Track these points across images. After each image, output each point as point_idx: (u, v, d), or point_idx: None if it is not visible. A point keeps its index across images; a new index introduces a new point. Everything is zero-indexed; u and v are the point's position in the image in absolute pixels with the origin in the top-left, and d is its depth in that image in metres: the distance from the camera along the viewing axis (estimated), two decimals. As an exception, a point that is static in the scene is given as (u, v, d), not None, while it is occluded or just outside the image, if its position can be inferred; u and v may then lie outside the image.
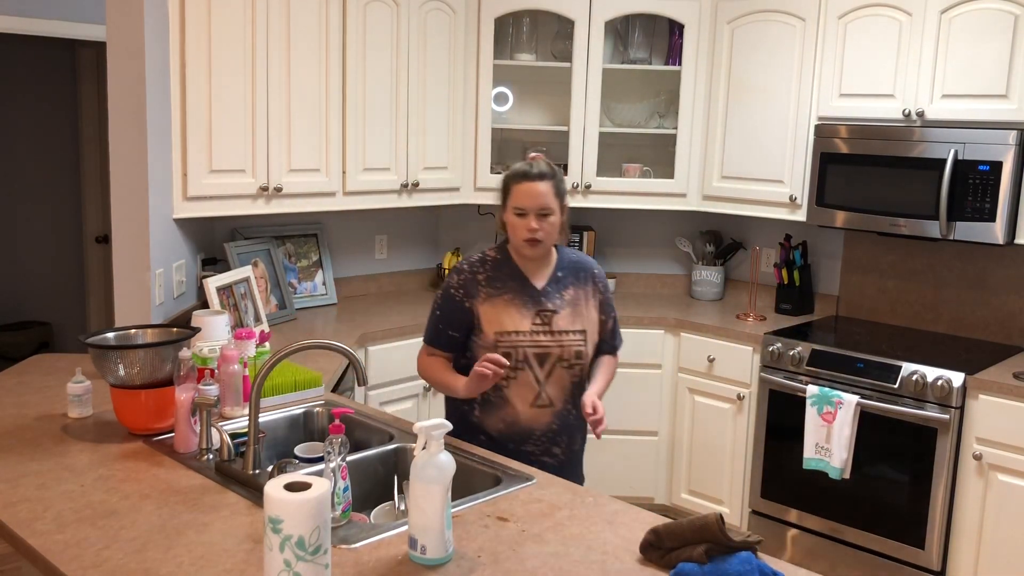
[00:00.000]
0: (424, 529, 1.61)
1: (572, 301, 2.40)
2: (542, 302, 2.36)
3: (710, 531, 1.60)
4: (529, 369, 2.33)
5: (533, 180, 2.31)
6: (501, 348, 2.30)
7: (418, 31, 3.82)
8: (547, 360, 2.33)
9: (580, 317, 2.39)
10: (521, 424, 2.35)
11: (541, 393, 2.34)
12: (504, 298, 2.35)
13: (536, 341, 2.33)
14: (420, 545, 1.62)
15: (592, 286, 2.46)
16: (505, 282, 2.37)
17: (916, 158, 3.41)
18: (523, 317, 2.33)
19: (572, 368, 2.36)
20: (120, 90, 2.87)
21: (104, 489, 1.92)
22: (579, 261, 2.49)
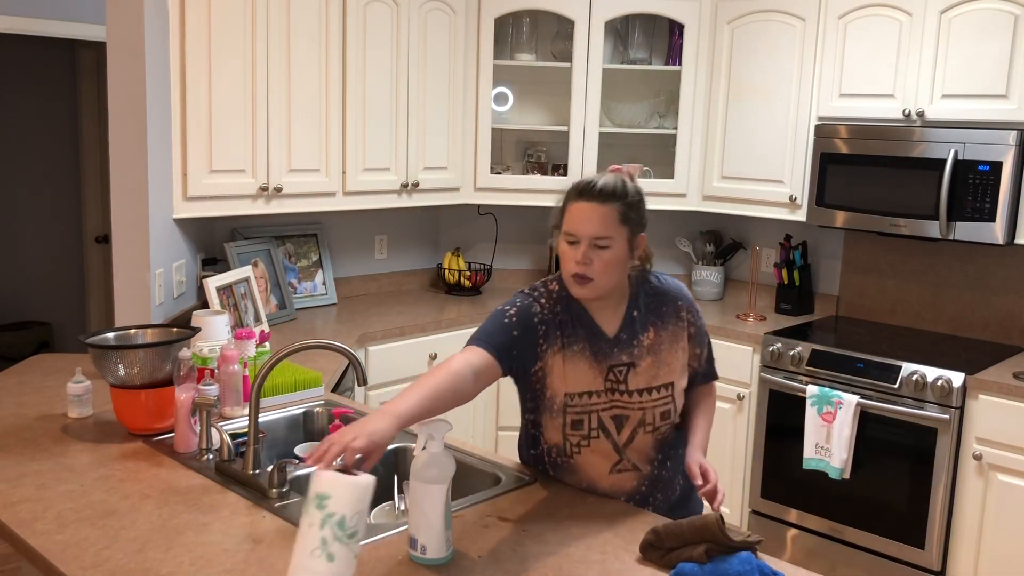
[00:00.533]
0: (424, 529, 1.61)
1: (653, 348, 1.93)
2: (615, 354, 1.90)
3: (710, 531, 1.60)
4: (605, 436, 1.92)
5: (592, 200, 1.82)
6: (572, 414, 1.90)
7: (418, 31, 3.82)
8: (626, 423, 1.91)
9: (664, 367, 1.93)
10: (603, 490, 1.97)
11: (622, 460, 1.95)
12: (575, 349, 1.89)
13: (612, 402, 1.90)
14: (420, 545, 1.62)
15: (677, 322, 1.97)
16: (576, 329, 1.90)
17: (916, 158, 3.41)
18: (596, 374, 1.89)
19: (658, 430, 1.95)
20: (120, 90, 2.87)
21: (104, 489, 1.92)
22: (662, 292, 1.98)
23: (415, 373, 3.69)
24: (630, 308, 1.94)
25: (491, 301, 4.19)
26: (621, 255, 1.84)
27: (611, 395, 1.90)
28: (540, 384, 1.93)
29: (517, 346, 1.87)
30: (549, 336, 1.90)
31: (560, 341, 1.90)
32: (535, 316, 1.90)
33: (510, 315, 1.89)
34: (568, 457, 1.96)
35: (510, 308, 1.90)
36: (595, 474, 1.96)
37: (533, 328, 1.89)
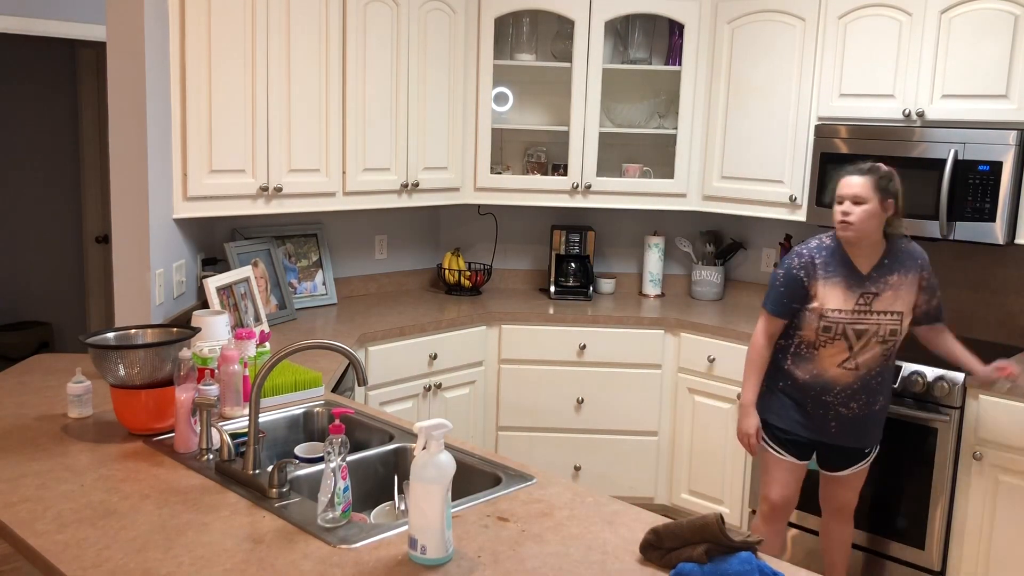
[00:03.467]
0: (424, 529, 1.61)
1: (895, 285, 2.76)
2: (866, 286, 2.75)
3: (710, 531, 1.60)
4: (844, 340, 2.76)
5: (851, 175, 2.74)
6: (825, 321, 2.75)
7: (418, 31, 3.82)
8: (864, 335, 2.75)
9: (900, 300, 2.76)
10: (825, 379, 2.81)
11: (850, 359, 2.78)
12: (833, 280, 2.76)
13: (856, 319, 2.74)
14: (420, 545, 1.62)
15: (916, 274, 2.80)
16: (836, 268, 2.77)
17: (916, 158, 3.41)
18: (848, 298, 2.74)
19: (886, 343, 2.78)
20: (120, 90, 2.87)
21: (104, 489, 1.92)
22: (908, 251, 2.81)
23: (415, 373, 3.69)
24: (883, 257, 2.79)
25: (491, 301, 4.19)
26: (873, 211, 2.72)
27: (857, 314, 2.75)
28: (809, 302, 2.79)
29: (790, 298, 2.83)
30: (810, 273, 2.79)
31: (821, 274, 2.78)
32: (793, 271, 2.82)
33: (780, 280, 2.85)
34: (814, 348, 2.81)
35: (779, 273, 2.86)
36: (827, 364, 2.80)
37: (796, 279, 2.81)
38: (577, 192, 4.15)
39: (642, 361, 3.97)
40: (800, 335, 2.84)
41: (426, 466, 1.60)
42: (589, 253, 4.37)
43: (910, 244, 2.84)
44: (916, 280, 2.81)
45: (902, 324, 2.79)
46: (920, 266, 2.82)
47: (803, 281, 2.80)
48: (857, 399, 2.83)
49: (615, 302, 4.28)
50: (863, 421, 2.86)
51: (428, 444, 1.61)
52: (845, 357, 2.78)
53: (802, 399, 2.86)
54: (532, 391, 3.99)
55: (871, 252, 2.78)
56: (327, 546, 1.69)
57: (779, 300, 2.85)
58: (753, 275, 4.41)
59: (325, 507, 1.76)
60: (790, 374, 2.88)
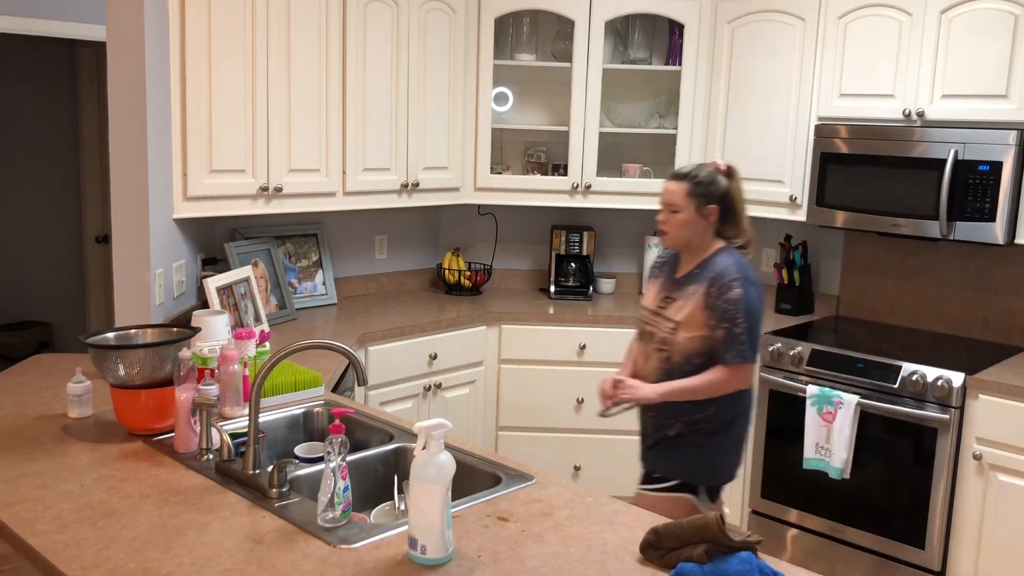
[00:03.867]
0: (424, 529, 1.61)
1: (689, 295, 2.54)
2: (671, 289, 2.61)
3: (710, 531, 1.60)
4: (639, 340, 2.69)
5: (669, 179, 2.59)
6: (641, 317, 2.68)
7: (418, 31, 3.82)
8: (649, 339, 2.61)
9: (683, 311, 2.53)
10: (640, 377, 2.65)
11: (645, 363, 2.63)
12: (655, 280, 2.70)
13: (650, 320, 2.62)
14: (420, 545, 1.62)
15: (708, 289, 2.50)
16: (663, 269, 2.70)
17: (916, 158, 3.41)
18: (654, 297, 2.64)
19: (660, 352, 2.56)
20: (120, 90, 2.87)
21: (104, 489, 1.92)
22: (717, 266, 2.52)
23: (415, 373, 3.69)
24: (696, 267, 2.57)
25: (491, 301, 4.19)
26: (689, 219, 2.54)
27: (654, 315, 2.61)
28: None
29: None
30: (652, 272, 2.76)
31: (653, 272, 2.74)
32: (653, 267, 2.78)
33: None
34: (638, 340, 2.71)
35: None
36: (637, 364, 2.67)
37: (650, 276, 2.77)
38: (577, 192, 4.15)
39: (642, 361, 3.97)
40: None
41: (426, 466, 1.60)
42: (589, 253, 4.37)
43: (729, 257, 2.54)
44: (705, 298, 2.49)
45: (676, 335, 2.51)
46: (711, 280, 2.49)
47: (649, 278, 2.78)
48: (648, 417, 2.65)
49: (615, 302, 4.28)
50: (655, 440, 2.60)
51: (428, 444, 1.61)
52: (643, 361, 2.64)
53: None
54: (532, 391, 3.99)
55: (693, 259, 2.59)
56: (327, 546, 1.69)
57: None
58: (753, 275, 4.40)
59: (325, 507, 1.76)
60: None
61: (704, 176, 2.55)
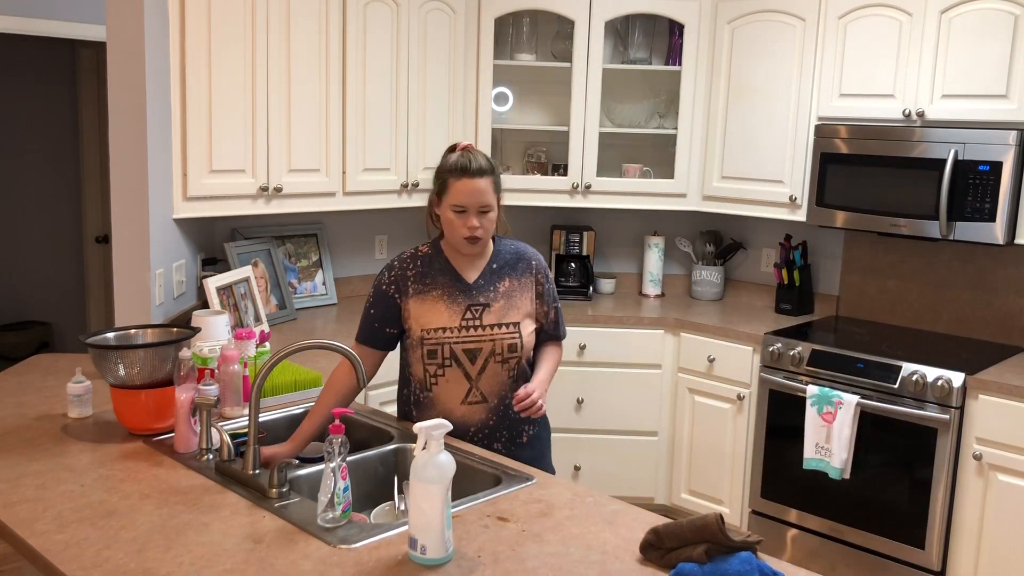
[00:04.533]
0: (424, 529, 1.61)
1: (506, 293, 2.33)
2: (473, 295, 2.30)
3: (710, 531, 1.60)
4: (458, 366, 2.28)
5: (473, 176, 2.22)
6: (427, 345, 2.27)
7: (418, 31, 3.82)
8: (478, 355, 2.28)
9: (514, 309, 2.32)
10: (455, 421, 2.26)
11: (472, 389, 2.29)
12: (433, 295, 2.30)
13: (465, 337, 2.27)
14: (420, 545, 1.62)
15: (530, 276, 2.37)
16: (435, 278, 2.31)
17: (916, 158, 3.41)
18: (452, 313, 2.28)
19: (507, 362, 2.30)
20: (120, 90, 2.87)
21: (104, 489, 1.92)
22: (518, 251, 2.40)
23: (415, 373, 3.68)
24: (490, 262, 2.35)
25: (491, 301, 4.19)
26: (496, 216, 2.30)
27: (466, 331, 2.27)
28: (406, 326, 2.32)
29: (387, 324, 2.33)
30: (401, 288, 2.32)
31: (413, 288, 2.31)
32: (381, 286, 2.34)
33: (369, 300, 2.36)
34: (428, 391, 2.31)
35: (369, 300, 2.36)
36: (450, 404, 2.29)
37: (384, 295, 2.33)
38: (577, 192, 4.15)
39: (642, 361, 3.97)
40: (412, 375, 2.35)
41: (426, 466, 1.60)
42: (589, 253, 4.37)
43: (518, 243, 2.43)
44: (531, 285, 2.36)
45: (521, 338, 2.31)
46: (535, 268, 2.38)
47: (393, 299, 2.32)
48: (498, 437, 2.33)
49: (615, 302, 4.28)
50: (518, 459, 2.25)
51: (428, 444, 1.61)
52: (467, 389, 2.29)
53: None
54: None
55: (478, 258, 2.34)
56: (327, 546, 1.69)
57: (369, 325, 2.34)
58: (753, 275, 4.41)
59: (325, 507, 1.76)
60: None
61: (495, 164, 2.30)
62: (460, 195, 2.23)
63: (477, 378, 2.29)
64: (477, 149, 2.31)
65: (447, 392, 2.30)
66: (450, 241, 2.30)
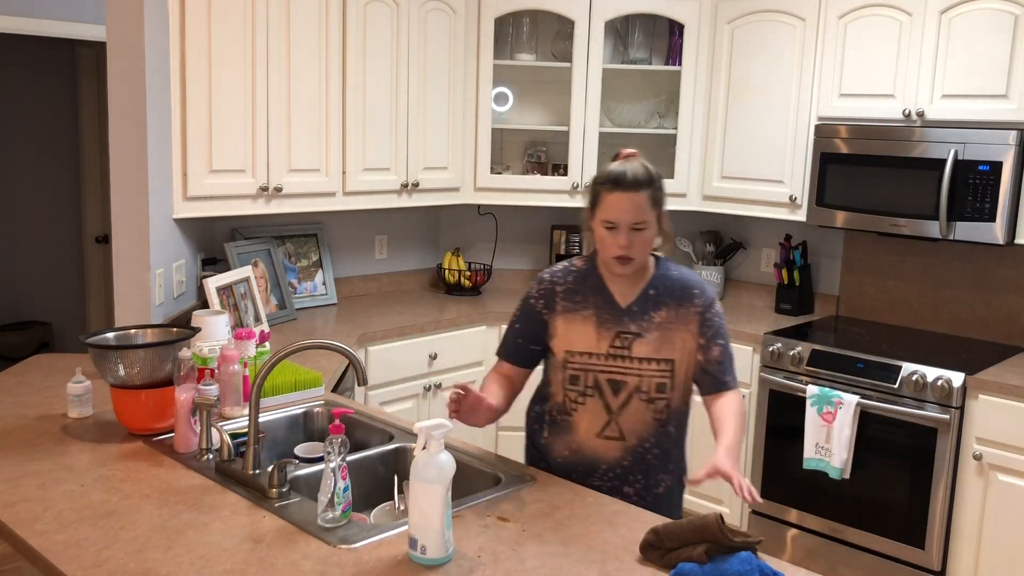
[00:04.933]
0: (424, 529, 1.61)
1: (662, 325, 2.07)
2: (624, 322, 2.07)
3: (710, 531, 1.60)
4: (599, 396, 2.07)
5: (626, 189, 2.01)
6: (570, 369, 2.08)
7: (418, 31, 3.82)
8: (622, 389, 2.06)
9: (669, 344, 2.07)
10: (585, 454, 2.11)
11: (611, 423, 2.08)
12: (582, 315, 2.09)
13: (611, 366, 2.06)
14: (420, 545, 1.62)
15: (693, 309, 2.08)
16: (586, 296, 2.10)
17: (916, 158, 3.41)
18: (600, 338, 2.07)
19: (653, 402, 2.08)
20: (120, 90, 2.87)
21: (104, 489, 1.92)
22: (682, 279, 2.12)
23: (415, 373, 3.69)
24: (648, 286, 2.11)
25: (491, 301, 4.19)
26: (653, 234, 2.06)
27: (612, 359, 2.06)
28: (550, 344, 2.14)
29: (531, 340, 2.16)
30: (549, 303, 2.13)
31: (562, 305, 2.11)
32: (530, 300, 2.16)
33: (515, 315, 2.20)
34: (566, 414, 2.12)
35: (515, 313, 2.20)
36: (585, 435, 2.11)
37: (532, 310, 2.15)
38: (577, 192, 4.15)
39: (642, 361, 3.97)
40: (551, 395, 2.17)
41: (426, 466, 1.60)
42: (589, 253, 4.36)
43: (683, 270, 2.15)
44: (693, 319, 2.09)
45: (674, 378, 2.08)
46: (700, 300, 2.10)
47: (540, 315, 2.13)
48: (631, 481, 2.12)
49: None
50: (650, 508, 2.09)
51: (428, 444, 1.61)
52: (604, 422, 2.08)
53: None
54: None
55: (634, 278, 2.11)
56: (327, 546, 1.69)
57: (512, 339, 2.17)
58: (753, 275, 4.41)
59: (325, 507, 1.76)
60: (547, 452, 2.18)
61: (655, 175, 2.09)
62: (611, 210, 2.02)
63: (618, 412, 2.07)
64: (640, 159, 2.09)
65: (584, 421, 2.10)
66: (602, 259, 2.10)
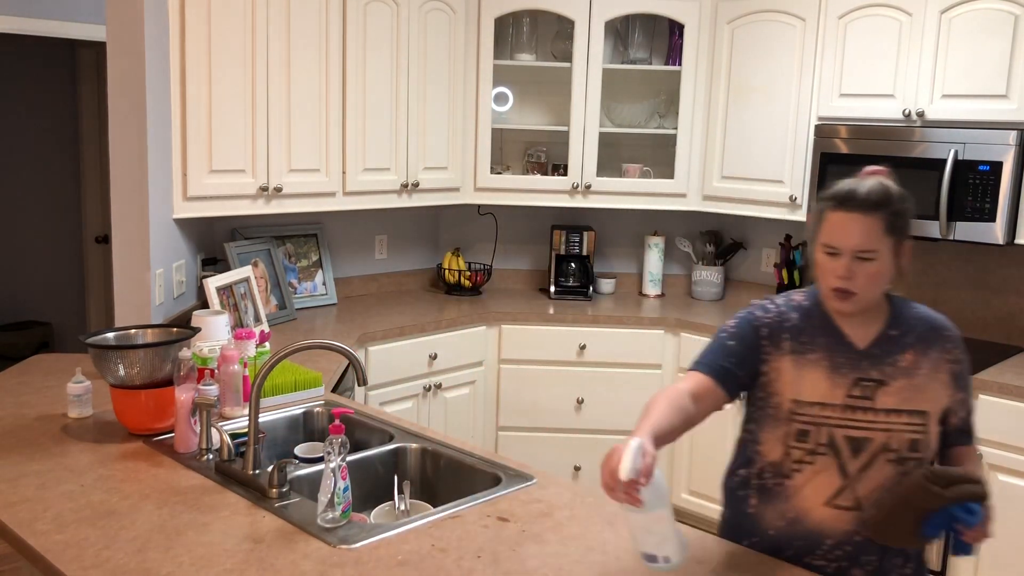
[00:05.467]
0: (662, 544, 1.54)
1: (909, 371, 1.73)
2: (863, 367, 1.73)
3: (919, 496, 1.57)
4: (834, 456, 1.71)
5: (852, 210, 1.69)
6: (799, 423, 1.73)
7: (418, 31, 3.82)
8: (865, 447, 1.70)
9: (920, 395, 1.72)
10: (807, 526, 1.74)
11: (847, 489, 1.71)
12: (811, 358, 1.75)
13: (851, 420, 1.71)
14: (662, 557, 1.55)
15: (943, 354, 1.76)
16: (813, 337, 1.77)
17: (916, 158, 3.41)
18: (835, 386, 1.73)
19: (902, 463, 1.70)
20: (120, 90, 2.87)
21: (104, 489, 1.92)
22: (928, 319, 1.79)
23: (415, 373, 3.69)
24: (888, 326, 1.77)
25: (491, 301, 4.19)
26: (885, 268, 1.70)
27: (851, 411, 1.71)
28: (765, 391, 1.80)
29: (735, 356, 1.81)
30: (775, 339, 1.79)
31: (789, 345, 1.77)
32: (754, 322, 1.82)
33: (729, 330, 1.85)
34: (785, 477, 1.75)
35: (731, 322, 1.87)
36: (809, 502, 1.73)
37: (753, 335, 1.80)
38: (577, 192, 4.15)
39: (642, 361, 3.97)
40: (760, 454, 1.80)
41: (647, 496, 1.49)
42: (589, 253, 4.37)
43: (924, 308, 1.83)
44: (944, 364, 1.75)
45: (928, 433, 1.72)
46: (950, 344, 1.77)
47: (761, 344, 1.80)
48: (862, 561, 1.74)
49: (615, 302, 4.28)
50: None
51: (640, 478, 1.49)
52: (837, 487, 1.72)
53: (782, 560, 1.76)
54: (532, 391, 3.99)
55: (870, 316, 1.77)
56: (327, 546, 1.69)
57: (716, 352, 1.85)
58: (753, 275, 4.41)
59: (325, 507, 1.76)
60: (756, 523, 1.80)
61: (896, 197, 1.73)
62: (832, 232, 1.70)
63: (856, 476, 1.71)
64: (884, 177, 1.78)
65: (810, 486, 1.73)
66: (821, 290, 1.78)
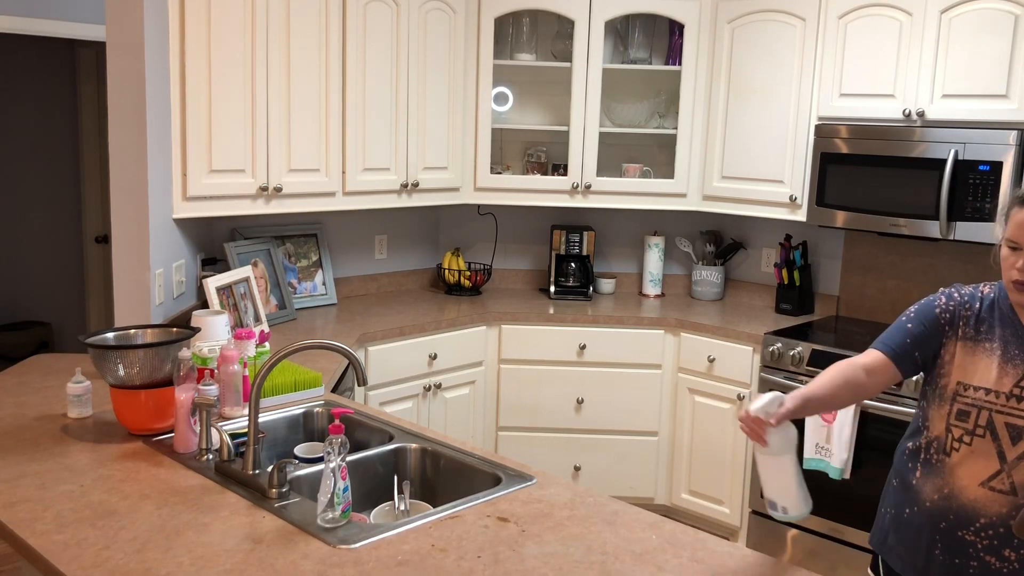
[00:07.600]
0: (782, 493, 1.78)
1: None
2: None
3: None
4: (993, 440, 1.79)
5: None
6: (960, 403, 1.83)
7: (418, 31, 3.82)
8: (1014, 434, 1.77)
9: None
10: (961, 502, 1.81)
11: (1003, 473, 1.77)
12: (985, 346, 1.85)
13: (1014, 409, 1.78)
14: (780, 507, 1.79)
15: None
16: (992, 327, 1.86)
17: (916, 158, 3.41)
18: (1005, 375, 1.80)
19: None
20: (120, 90, 2.87)
21: (104, 489, 1.92)
22: None
23: (415, 373, 3.69)
24: None
25: (491, 301, 4.19)
26: None
27: (1016, 401, 1.78)
28: (937, 372, 1.91)
29: (911, 338, 1.93)
30: (954, 325, 1.90)
31: (967, 332, 1.88)
32: (936, 307, 1.94)
33: (909, 314, 1.98)
34: (945, 454, 1.85)
35: (914, 306, 2.00)
36: (965, 480, 1.81)
37: (934, 319, 1.92)
38: (577, 192, 4.15)
39: (642, 361, 3.97)
40: (927, 429, 1.91)
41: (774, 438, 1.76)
42: (589, 253, 4.37)
43: None
44: None
45: None
46: None
47: (940, 328, 1.91)
48: (1017, 544, 1.78)
49: (615, 302, 4.28)
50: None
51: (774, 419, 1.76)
52: (995, 470, 1.78)
53: (928, 535, 1.86)
54: (532, 391, 3.99)
55: None
56: (327, 546, 1.69)
57: (895, 332, 1.97)
58: (753, 275, 4.41)
59: (325, 507, 1.76)
60: (917, 494, 1.89)
61: None
62: (1015, 228, 1.87)
63: (1013, 463, 1.77)
64: None
65: (967, 465, 1.81)
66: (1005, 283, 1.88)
